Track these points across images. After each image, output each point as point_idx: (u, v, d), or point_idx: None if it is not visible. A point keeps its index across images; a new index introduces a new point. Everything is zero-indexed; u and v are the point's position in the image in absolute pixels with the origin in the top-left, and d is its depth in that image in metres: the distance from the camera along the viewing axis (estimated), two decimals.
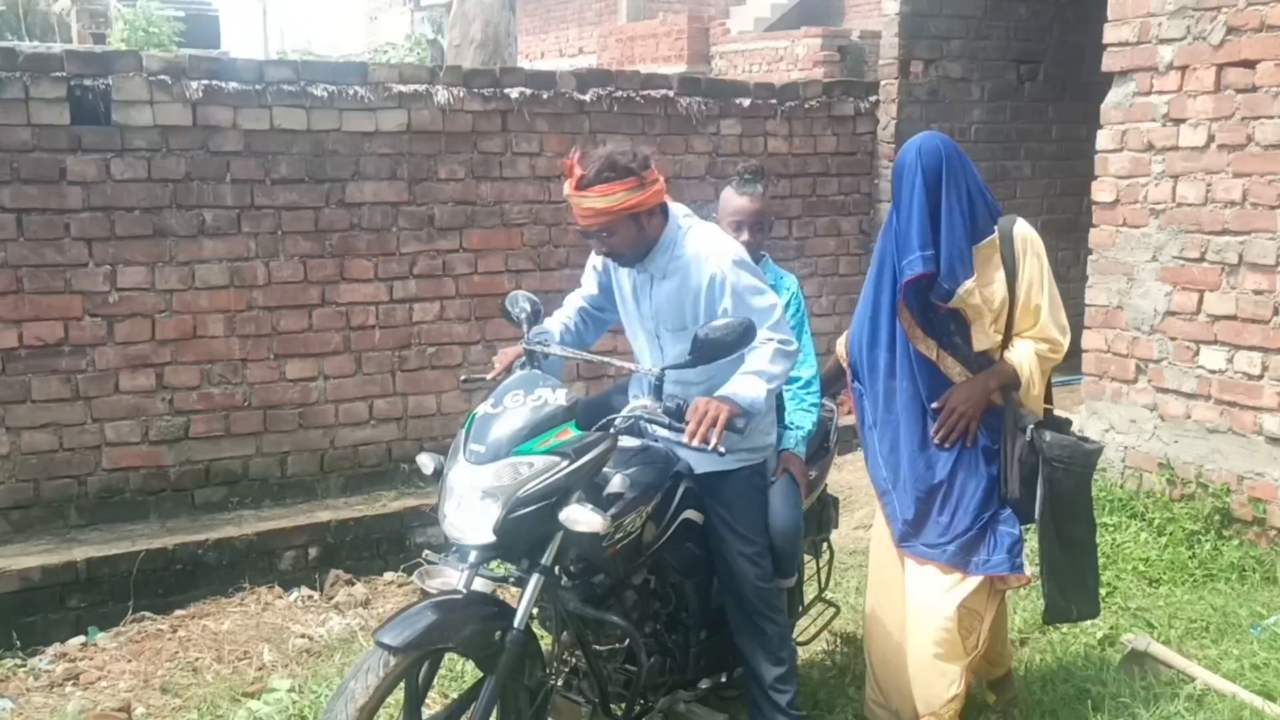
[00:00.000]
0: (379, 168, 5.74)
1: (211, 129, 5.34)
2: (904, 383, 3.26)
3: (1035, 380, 3.17)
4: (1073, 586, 3.29)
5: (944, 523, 3.23)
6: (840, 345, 3.55)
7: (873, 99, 7.30)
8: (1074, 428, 3.41)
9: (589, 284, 3.42)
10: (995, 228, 3.16)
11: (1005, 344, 3.20)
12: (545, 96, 6.12)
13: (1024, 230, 3.20)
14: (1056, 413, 3.39)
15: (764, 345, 3.01)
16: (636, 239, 3.03)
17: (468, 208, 6.00)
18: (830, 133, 7.19)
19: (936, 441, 3.21)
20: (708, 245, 3.09)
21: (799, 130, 7.06)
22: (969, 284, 3.09)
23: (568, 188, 2.97)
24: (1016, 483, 3.18)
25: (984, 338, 3.17)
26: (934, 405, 3.21)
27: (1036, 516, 3.20)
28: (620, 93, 6.35)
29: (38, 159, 5.03)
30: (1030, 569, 3.31)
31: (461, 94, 5.88)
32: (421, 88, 5.79)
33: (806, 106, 7.06)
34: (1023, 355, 3.17)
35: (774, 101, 6.93)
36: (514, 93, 6.02)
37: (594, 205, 2.92)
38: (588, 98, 6.24)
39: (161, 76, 5.21)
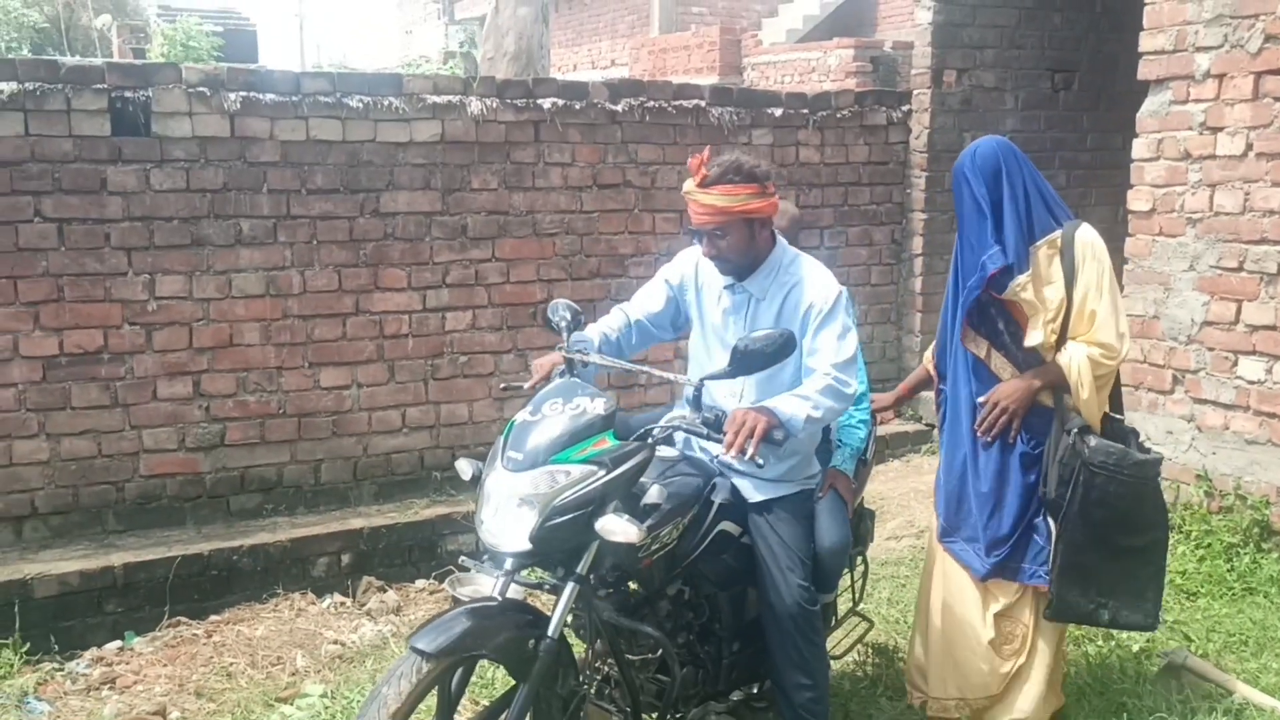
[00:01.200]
0: (413, 178, 5.79)
1: (249, 140, 5.41)
2: (960, 386, 3.34)
3: (1084, 384, 3.18)
4: (1124, 596, 3.26)
5: (982, 524, 3.28)
6: (928, 354, 3.65)
7: (905, 108, 7.28)
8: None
9: (653, 299, 3.40)
10: (1058, 230, 3.21)
11: (1059, 347, 3.23)
12: (578, 107, 6.14)
13: (1087, 236, 3.23)
14: (1126, 423, 3.38)
15: (821, 377, 3.05)
16: (746, 246, 3.11)
17: (500, 217, 6.03)
18: (863, 142, 7.18)
19: (979, 434, 3.27)
20: (817, 273, 3.19)
21: (831, 140, 7.06)
22: (1022, 279, 3.17)
23: (689, 184, 3.06)
24: (1054, 483, 3.20)
25: (1038, 333, 3.20)
26: (979, 400, 3.28)
27: (1060, 517, 3.20)
28: (652, 103, 6.36)
29: (79, 169, 5.11)
30: None
31: (495, 104, 5.92)
32: (455, 98, 5.83)
33: (839, 116, 7.06)
34: (1073, 358, 3.19)
35: (806, 111, 6.94)
36: (546, 103, 6.05)
37: (715, 203, 3.02)
38: (620, 108, 6.26)
39: (200, 88, 5.28)
